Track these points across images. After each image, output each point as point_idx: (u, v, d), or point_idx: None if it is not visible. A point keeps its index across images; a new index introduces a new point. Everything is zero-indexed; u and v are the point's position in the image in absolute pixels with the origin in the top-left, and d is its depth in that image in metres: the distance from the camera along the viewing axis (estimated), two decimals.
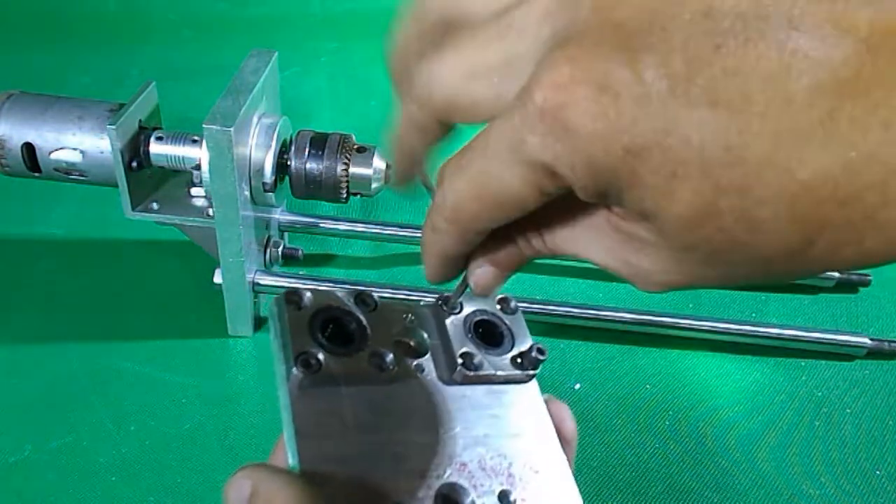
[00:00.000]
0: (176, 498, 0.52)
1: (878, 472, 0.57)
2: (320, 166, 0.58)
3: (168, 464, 0.54)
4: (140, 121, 0.57)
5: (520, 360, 0.29)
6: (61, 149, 0.56)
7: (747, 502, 0.55)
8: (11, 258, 0.71)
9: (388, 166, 0.60)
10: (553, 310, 0.65)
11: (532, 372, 0.29)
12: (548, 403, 0.29)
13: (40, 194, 0.75)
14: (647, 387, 0.63)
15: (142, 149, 0.56)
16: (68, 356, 0.62)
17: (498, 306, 0.30)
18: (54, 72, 1.00)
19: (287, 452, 0.24)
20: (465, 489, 0.25)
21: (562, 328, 0.66)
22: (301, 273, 0.69)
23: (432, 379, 0.27)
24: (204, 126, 0.51)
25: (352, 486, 0.23)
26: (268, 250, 0.65)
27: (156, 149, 0.56)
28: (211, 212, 0.57)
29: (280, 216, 0.69)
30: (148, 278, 0.70)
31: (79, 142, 0.56)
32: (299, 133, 0.59)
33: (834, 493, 0.56)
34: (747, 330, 0.66)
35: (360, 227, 0.72)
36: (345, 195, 0.59)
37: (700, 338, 0.66)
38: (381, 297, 0.28)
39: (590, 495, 0.55)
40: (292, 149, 0.59)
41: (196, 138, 0.56)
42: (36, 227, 0.75)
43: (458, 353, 0.28)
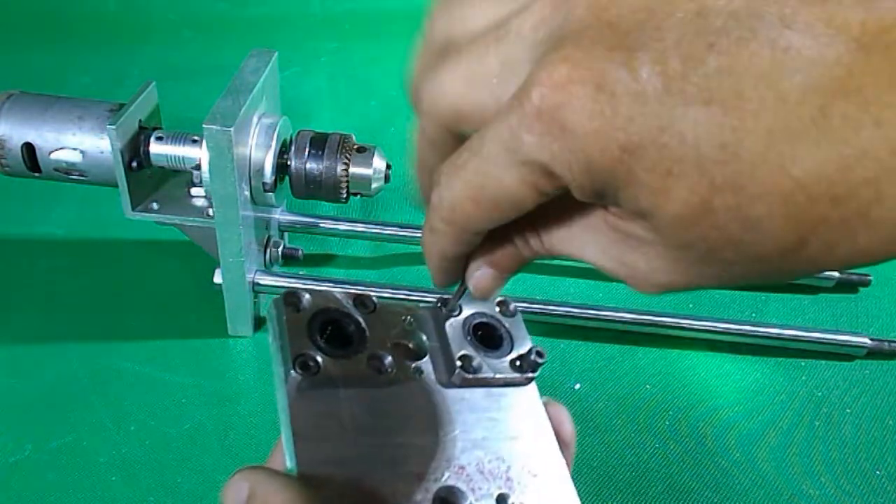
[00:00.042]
0: (176, 498, 0.52)
1: (878, 472, 0.57)
2: (320, 166, 0.58)
3: (168, 464, 0.54)
4: (140, 121, 0.57)
5: (519, 363, 0.29)
6: (61, 149, 0.56)
7: (747, 502, 0.55)
8: (11, 258, 0.71)
9: (388, 166, 0.60)
10: (553, 310, 0.65)
11: (531, 375, 0.29)
12: (546, 406, 0.29)
13: (40, 194, 0.75)
14: (647, 387, 0.63)
15: (142, 149, 0.56)
16: (68, 356, 0.62)
17: (497, 309, 0.30)
18: (54, 72, 1.00)
19: (285, 455, 0.24)
20: (463, 492, 0.25)
21: (562, 328, 0.66)
22: (301, 273, 0.69)
23: (431, 381, 0.27)
24: (204, 126, 0.51)
25: (349, 489, 0.23)
26: (268, 250, 0.65)
27: (156, 149, 0.56)
28: (211, 212, 0.57)
29: (280, 216, 0.69)
30: (148, 278, 0.70)
31: (79, 142, 0.56)
32: (299, 133, 0.59)
33: (834, 493, 0.56)
34: (747, 330, 0.66)
35: (360, 227, 0.72)
36: (345, 195, 0.59)
37: (700, 338, 0.66)
38: (380, 297, 0.28)
39: (590, 495, 0.55)
40: (292, 149, 0.59)
41: (196, 138, 0.56)
42: (36, 227, 0.75)
43: (457, 356, 0.27)
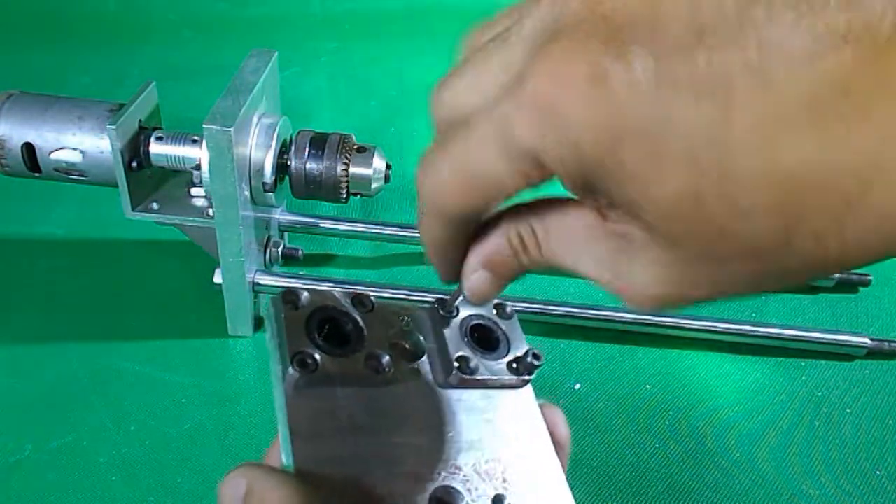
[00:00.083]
0: (176, 498, 0.52)
1: (878, 472, 0.57)
2: (320, 166, 0.58)
3: (168, 464, 0.54)
4: (140, 121, 0.57)
5: (515, 365, 0.29)
6: (61, 149, 0.56)
7: (747, 502, 0.55)
8: (11, 258, 0.71)
9: (388, 166, 0.60)
10: (553, 310, 0.65)
11: (527, 377, 0.29)
12: (542, 408, 0.29)
13: (40, 194, 0.75)
14: (647, 387, 0.63)
15: (142, 149, 0.56)
16: (68, 356, 0.62)
17: (494, 311, 0.30)
18: (54, 72, 1.00)
19: (282, 452, 0.24)
20: (459, 493, 0.25)
21: (562, 328, 0.66)
22: (301, 273, 0.69)
23: (428, 382, 0.27)
24: (204, 126, 0.51)
25: (347, 488, 0.23)
26: (268, 250, 0.65)
27: (156, 149, 0.56)
28: (211, 212, 0.57)
29: (280, 216, 0.69)
30: (148, 278, 0.70)
31: (79, 142, 0.56)
32: (299, 133, 0.59)
33: (834, 493, 0.56)
34: (747, 330, 0.66)
35: (360, 227, 0.72)
36: (345, 195, 0.59)
37: (700, 338, 0.66)
38: (380, 297, 0.28)
39: (590, 495, 0.55)
40: (292, 149, 0.59)
41: (196, 138, 0.56)
42: (36, 227, 0.75)
43: (454, 357, 0.27)
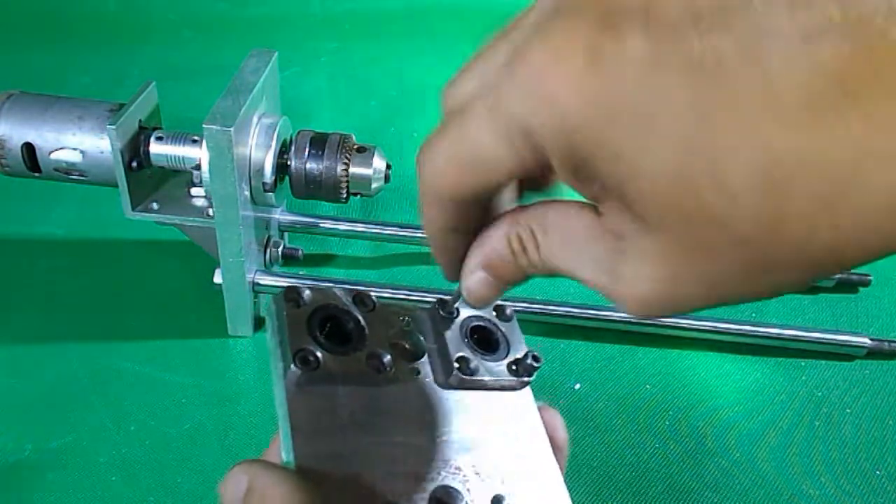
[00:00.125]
0: (176, 498, 0.52)
1: (878, 472, 0.57)
2: (320, 166, 0.58)
3: (168, 464, 0.54)
4: (140, 121, 0.57)
5: (515, 367, 0.29)
6: (61, 149, 0.56)
7: (747, 502, 0.55)
8: (11, 258, 0.71)
9: (388, 166, 0.60)
10: (553, 310, 0.65)
11: (526, 379, 0.29)
12: (541, 410, 0.29)
13: (40, 194, 0.75)
14: (647, 387, 0.63)
15: (142, 149, 0.56)
16: (68, 356, 0.62)
17: (493, 313, 0.30)
18: (54, 72, 1.00)
19: (282, 449, 0.24)
20: (458, 493, 0.25)
21: (562, 328, 0.66)
22: (301, 273, 0.69)
23: (429, 382, 0.27)
24: (204, 126, 0.51)
25: (346, 485, 0.23)
26: (268, 250, 0.65)
27: (156, 149, 0.56)
28: (211, 212, 0.57)
29: (280, 216, 0.69)
30: (148, 278, 0.70)
31: (79, 142, 0.56)
32: (299, 133, 0.59)
33: (834, 493, 0.56)
34: (747, 330, 0.66)
35: (360, 227, 0.72)
36: (345, 195, 0.59)
37: (700, 338, 0.66)
38: (380, 297, 0.28)
39: (590, 495, 0.55)
40: (292, 149, 0.59)
41: (196, 138, 0.56)
42: (36, 227, 0.75)
43: (455, 358, 0.28)
